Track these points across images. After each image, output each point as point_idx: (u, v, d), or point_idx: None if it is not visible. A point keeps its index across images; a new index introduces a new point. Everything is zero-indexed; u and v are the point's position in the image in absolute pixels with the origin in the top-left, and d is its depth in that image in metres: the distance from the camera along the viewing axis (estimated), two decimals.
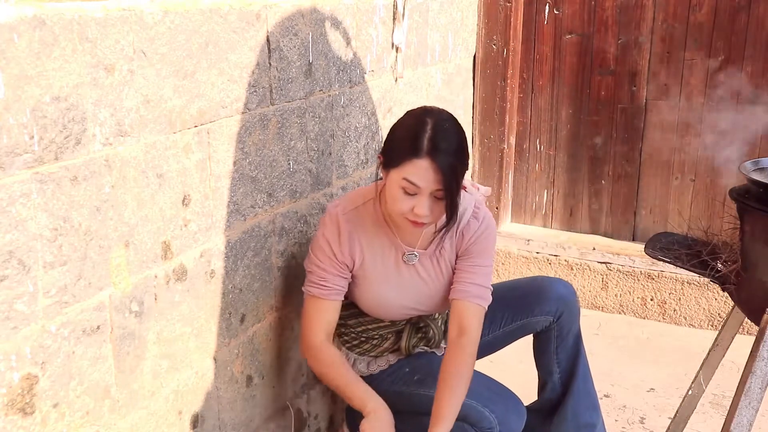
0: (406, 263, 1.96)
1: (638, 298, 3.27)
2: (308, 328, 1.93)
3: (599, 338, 3.12)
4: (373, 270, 1.94)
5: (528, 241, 3.43)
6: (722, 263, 1.92)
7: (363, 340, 2.05)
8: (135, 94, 1.52)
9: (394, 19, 2.54)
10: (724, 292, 1.96)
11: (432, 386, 1.94)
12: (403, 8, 2.56)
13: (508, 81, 3.35)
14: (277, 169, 2.02)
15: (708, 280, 1.95)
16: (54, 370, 1.42)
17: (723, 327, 2.12)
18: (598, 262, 3.31)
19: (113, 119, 1.48)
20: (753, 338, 1.77)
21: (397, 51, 2.59)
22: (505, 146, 3.44)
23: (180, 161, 1.67)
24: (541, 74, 3.41)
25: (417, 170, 1.72)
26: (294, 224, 2.12)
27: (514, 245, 3.44)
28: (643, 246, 2.14)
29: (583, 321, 2.24)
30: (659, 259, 2.05)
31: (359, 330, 2.04)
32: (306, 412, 2.26)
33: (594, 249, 3.33)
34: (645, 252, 2.10)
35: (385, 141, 1.86)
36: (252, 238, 1.95)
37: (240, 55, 1.81)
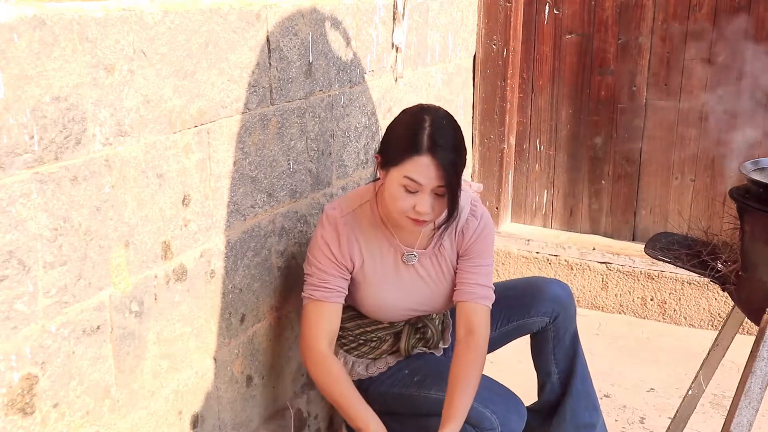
0: (405, 264, 1.96)
1: (638, 298, 3.27)
2: (309, 335, 1.89)
3: (599, 338, 3.12)
4: (373, 272, 1.94)
5: (528, 241, 3.43)
6: (722, 263, 1.92)
7: (361, 342, 2.05)
8: (135, 94, 1.52)
9: (394, 19, 2.54)
10: (724, 292, 1.96)
11: (431, 387, 1.94)
12: (403, 8, 2.56)
13: (508, 81, 3.35)
14: (277, 169, 2.01)
15: (708, 280, 1.95)
16: (54, 370, 1.42)
17: (723, 327, 2.11)
18: (598, 262, 3.31)
19: (113, 119, 1.48)
20: (753, 338, 1.77)
21: (397, 51, 2.59)
22: (505, 146, 3.44)
23: (180, 161, 1.67)
24: (541, 74, 3.41)
25: (418, 167, 1.73)
26: (294, 224, 2.12)
27: (514, 245, 3.44)
28: (643, 246, 2.14)
29: (583, 321, 2.24)
30: (659, 259, 2.05)
31: (357, 333, 2.04)
32: (306, 412, 2.26)
33: (594, 249, 3.33)
34: (645, 252, 2.10)
35: (383, 140, 1.86)
36: (252, 238, 1.95)
37: (240, 55, 1.81)
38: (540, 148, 3.48)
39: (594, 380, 2.24)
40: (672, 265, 2.11)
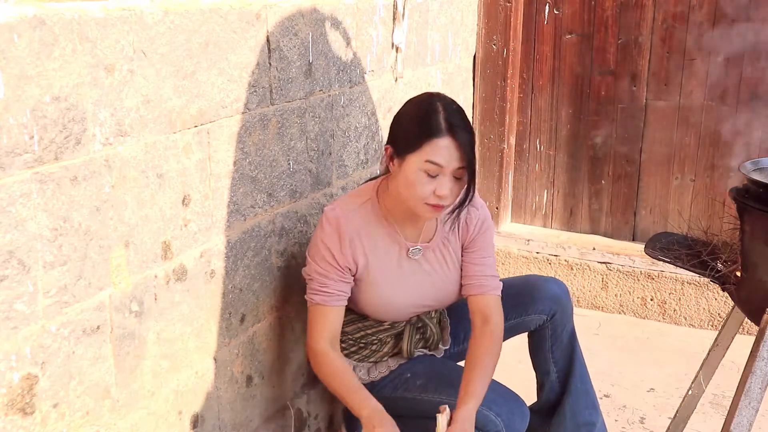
0: (410, 258, 1.96)
1: (638, 298, 3.27)
2: (311, 335, 1.93)
3: (599, 338, 3.12)
4: (378, 271, 1.94)
5: (528, 241, 3.43)
6: (722, 263, 1.93)
7: (362, 345, 2.05)
8: (135, 94, 1.52)
9: (394, 19, 2.54)
10: (724, 292, 1.97)
11: (434, 391, 1.94)
12: (403, 8, 2.56)
13: (508, 81, 3.35)
14: (277, 169, 2.02)
15: (708, 280, 1.95)
16: (54, 370, 1.42)
17: (723, 327, 2.12)
18: (598, 262, 3.31)
19: (113, 119, 1.48)
20: (753, 338, 1.77)
21: (397, 51, 2.59)
22: (505, 146, 3.44)
23: (180, 161, 1.67)
24: (541, 74, 3.41)
25: (439, 150, 1.75)
26: (294, 224, 2.12)
27: (514, 245, 3.44)
28: (643, 246, 2.15)
29: (583, 321, 2.25)
30: (659, 259, 2.06)
31: (358, 336, 2.04)
32: (306, 412, 2.26)
33: (594, 249, 3.33)
34: (645, 252, 2.10)
35: (392, 131, 1.87)
36: (252, 238, 1.95)
37: (240, 55, 1.81)
38: (540, 148, 3.48)
39: (594, 380, 2.24)
40: (672, 265, 2.11)
